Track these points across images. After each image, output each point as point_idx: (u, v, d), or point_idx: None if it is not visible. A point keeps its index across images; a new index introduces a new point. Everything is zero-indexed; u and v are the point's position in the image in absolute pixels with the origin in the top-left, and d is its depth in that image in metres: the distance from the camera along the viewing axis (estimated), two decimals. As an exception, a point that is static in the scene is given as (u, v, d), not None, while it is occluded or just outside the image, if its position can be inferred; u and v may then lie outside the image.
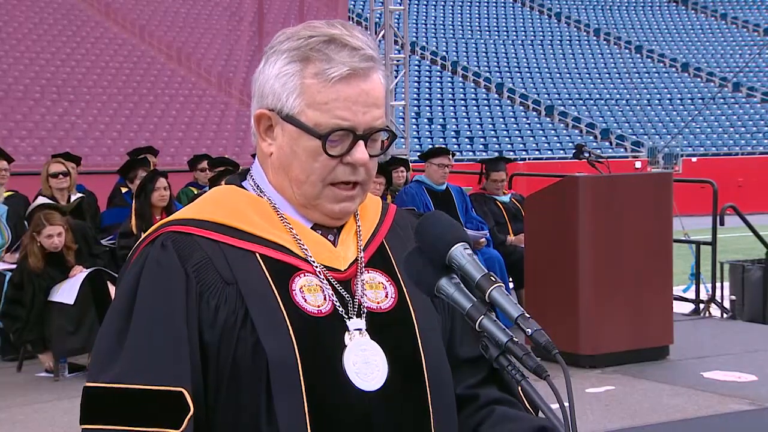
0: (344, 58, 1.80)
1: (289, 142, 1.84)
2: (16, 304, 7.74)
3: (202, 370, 1.78)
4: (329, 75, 1.80)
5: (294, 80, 1.82)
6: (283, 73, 1.83)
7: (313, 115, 1.81)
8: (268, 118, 1.86)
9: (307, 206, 1.87)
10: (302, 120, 1.81)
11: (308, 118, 1.81)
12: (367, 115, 1.82)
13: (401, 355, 1.84)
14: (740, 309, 10.48)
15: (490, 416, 1.91)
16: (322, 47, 1.81)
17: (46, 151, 16.21)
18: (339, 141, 1.82)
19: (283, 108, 1.83)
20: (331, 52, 1.80)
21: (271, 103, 1.85)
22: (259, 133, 1.88)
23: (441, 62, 38.49)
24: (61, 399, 7.04)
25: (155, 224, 1.91)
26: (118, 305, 1.83)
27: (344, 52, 1.81)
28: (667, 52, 41.66)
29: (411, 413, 1.83)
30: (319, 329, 1.80)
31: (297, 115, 1.82)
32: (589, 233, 7.76)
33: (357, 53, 1.81)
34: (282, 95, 1.83)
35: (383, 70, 1.87)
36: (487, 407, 1.92)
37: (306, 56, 1.81)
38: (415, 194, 9.48)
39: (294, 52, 1.83)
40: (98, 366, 1.80)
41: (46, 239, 7.66)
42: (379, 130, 1.85)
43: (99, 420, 1.77)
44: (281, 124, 1.84)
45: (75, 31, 24.07)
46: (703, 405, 6.84)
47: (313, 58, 1.81)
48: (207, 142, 20.81)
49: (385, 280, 1.90)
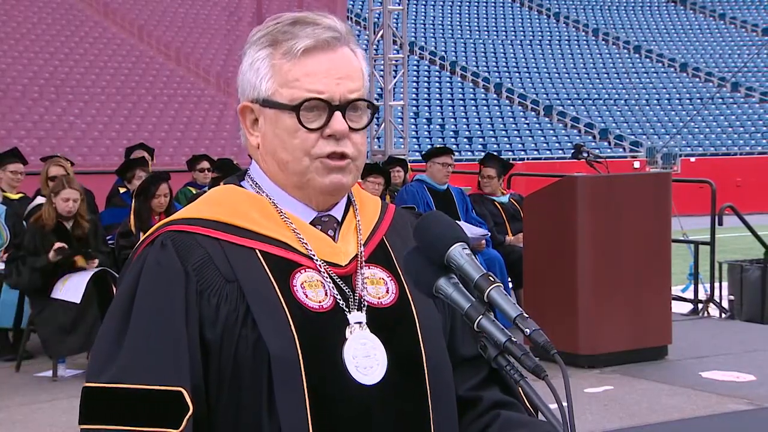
0: (308, 33, 1.84)
1: (271, 126, 1.86)
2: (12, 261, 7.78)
3: (203, 369, 1.78)
4: (295, 49, 1.83)
5: (265, 64, 1.85)
6: (255, 60, 1.87)
7: (287, 93, 1.84)
8: (250, 110, 1.89)
9: (301, 186, 1.87)
10: (277, 99, 1.84)
11: (282, 97, 1.84)
12: (341, 86, 1.84)
13: (401, 350, 1.84)
14: (739, 309, 10.48)
15: (495, 421, 1.91)
16: (288, 28, 1.85)
17: (45, 150, 16.21)
18: (315, 115, 1.83)
19: (260, 94, 1.86)
20: (296, 30, 1.85)
21: (250, 94, 1.88)
22: (246, 129, 1.91)
23: (440, 62, 38.49)
24: (59, 399, 7.04)
25: (155, 225, 1.92)
26: (118, 305, 1.83)
27: (308, 28, 1.85)
28: (666, 52, 41.68)
29: (411, 407, 1.83)
30: (320, 325, 1.80)
31: (272, 96, 1.85)
32: (587, 233, 7.77)
33: (320, 27, 1.85)
34: (256, 82, 1.87)
35: (356, 46, 1.89)
36: (491, 412, 1.92)
37: (274, 39, 1.85)
38: (416, 193, 9.47)
39: (263, 38, 1.87)
40: (97, 366, 1.80)
41: (62, 201, 7.75)
42: (354, 100, 1.85)
43: (98, 420, 1.77)
44: (262, 112, 1.87)
45: (73, 30, 24.07)
46: (701, 405, 6.85)
47: (281, 40, 1.85)
48: (206, 141, 20.82)
49: (386, 276, 1.90)
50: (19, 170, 9.28)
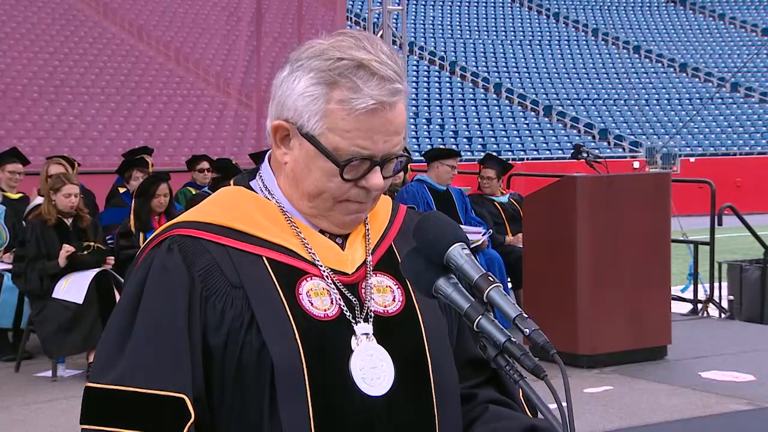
0: (372, 90, 1.77)
1: (305, 158, 1.82)
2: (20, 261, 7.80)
3: (206, 374, 1.78)
4: (355, 106, 1.77)
5: (318, 103, 1.79)
6: (308, 93, 1.80)
7: (334, 140, 1.79)
8: (286, 129, 1.84)
9: (317, 216, 1.87)
10: (322, 142, 1.80)
11: (328, 142, 1.79)
12: (388, 143, 1.81)
13: (408, 360, 1.83)
14: (738, 309, 10.48)
15: (484, 414, 1.91)
16: (350, 73, 1.78)
17: (44, 151, 16.17)
18: (356, 166, 1.80)
19: (304, 126, 1.81)
20: (359, 80, 1.77)
21: (292, 117, 1.82)
22: (275, 141, 1.86)
23: (439, 62, 38.48)
24: (59, 399, 7.04)
25: (161, 226, 1.91)
26: (124, 306, 1.82)
27: (372, 82, 1.78)
28: (665, 52, 41.67)
29: (416, 418, 1.83)
30: (325, 334, 1.80)
31: (318, 136, 1.80)
32: (587, 233, 7.77)
33: (386, 85, 1.78)
34: (304, 114, 1.81)
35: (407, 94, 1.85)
36: (481, 405, 1.92)
37: (333, 80, 1.78)
38: (416, 192, 9.46)
39: (321, 73, 1.79)
40: (100, 366, 1.80)
41: (63, 198, 7.77)
42: (396, 157, 1.84)
43: (99, 421, 1.77)
44: (299, 138, 1.83)
45: (73, 30, 24.05)
46: (700, 405, 6.85)
47: (341, 84, 1.78)
48: (205, 142, 20.78)
49: (393, 284, 1.89)
50: (18, 170, 9.28)
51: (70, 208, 7.81)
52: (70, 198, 7.79)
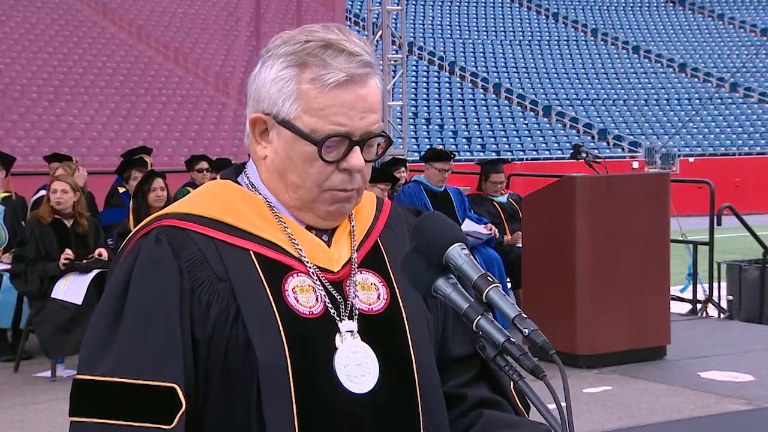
0: (341, 64, 1.79)
1: (285, 146, 1.83)
2: (19, 262, 7.82)
3: (193, 367, 1.77)
4: (326, 81, 1.79)
5: (290, 85, 1.81)
6: (279, 77, 1.82)
7: (310, 121, 1.80)
8: (263, 122, 1.85)
9: (302, 209, 1.87)
10: (298, 125, 1.81)
11: (304, 124, 1.80)
12: (364, 120, 1.81)
13: (392, 358, 1.83)
14: (737, 309, 10.49)
15: (478, 421, 1.90)
16: (318, 52, 1.80)
17: (44, 151, 16.17)
18: (335, 146, 1.81)
19: (279, 113, 1.82)
20: (327, 57, 1.80)
21: (267, 107, 1.84)
22: (254, 136, 1.87)
23: (438, 62, 38.49)
24: (58, 399, 7.03)
25: (150, 216, 1.90)
26: (110, 296, 1.81)
27: (341, 57, 1.80)
28: (665, 53, 41.69)
29: (401, 416, 1.83)
30: (310, 331, 1.80)
31: (293, 120, 1.81)
32: (586, 233, 7.77)
33: (354, 59, 1.80)
34: (278, 100, 1.82)
35: (380, 75, 1.87)
36: (474, 411, 1.92)
37: (302, 61, 1.80)
38: (413, 194, 9.45)
39: (290, 56, 1.82)
40: (89, 358, 1.78)
41: (52, 194, 7.88)
42: (375, 135, 1.84)
43: (89, 413, 1.75)
44: (277, 128, 1.84)
45: (72, 31, 24.05)
46: (700, 405, 6.85)
47: (310, 63, 1.80)
48: (204, 142, 20.80)
49: (378, 281, 1.89)
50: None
51: (56, 203, 7.85)
52: (56, 194, 7.86)
